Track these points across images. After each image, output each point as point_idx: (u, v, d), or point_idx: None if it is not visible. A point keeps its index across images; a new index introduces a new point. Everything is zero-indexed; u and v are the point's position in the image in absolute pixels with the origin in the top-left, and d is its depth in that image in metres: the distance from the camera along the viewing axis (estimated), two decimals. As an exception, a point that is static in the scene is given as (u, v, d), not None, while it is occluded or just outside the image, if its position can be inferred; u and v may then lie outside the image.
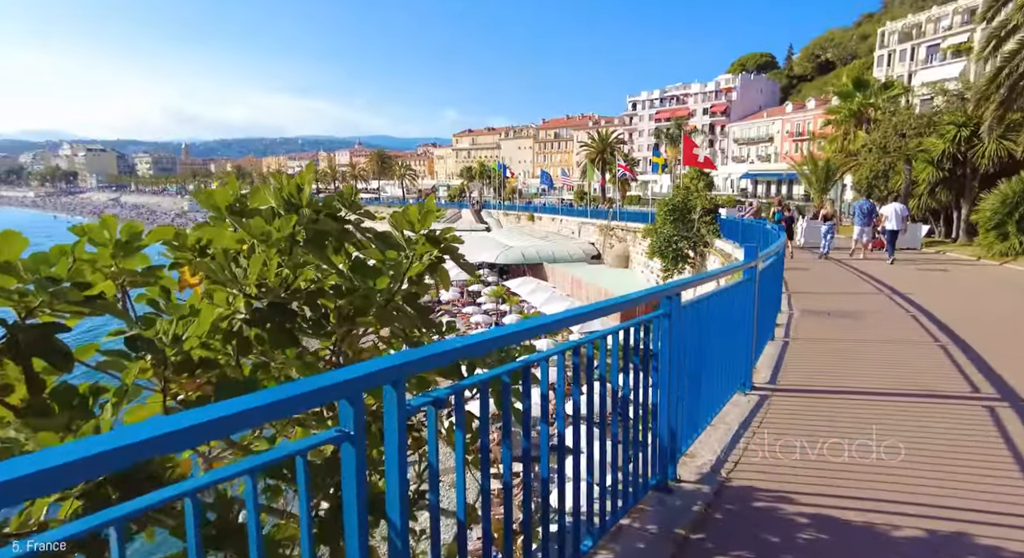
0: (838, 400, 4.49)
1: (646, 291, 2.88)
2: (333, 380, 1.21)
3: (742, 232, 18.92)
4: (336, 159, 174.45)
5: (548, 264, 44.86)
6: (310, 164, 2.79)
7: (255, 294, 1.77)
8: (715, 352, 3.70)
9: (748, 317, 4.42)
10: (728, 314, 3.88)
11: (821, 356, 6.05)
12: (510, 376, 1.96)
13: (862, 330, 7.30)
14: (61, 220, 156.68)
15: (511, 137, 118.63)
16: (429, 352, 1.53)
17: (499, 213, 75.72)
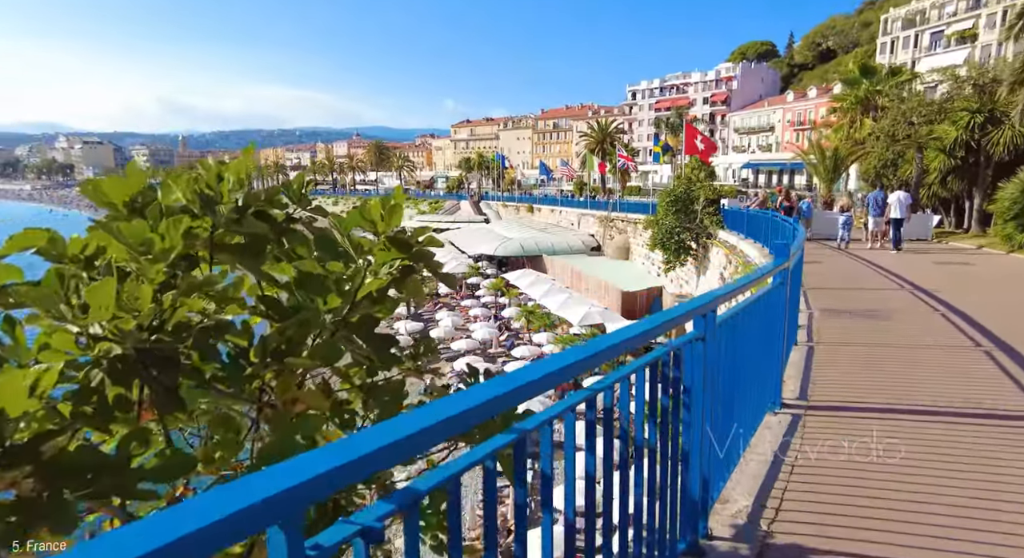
0: (882, 421, 3.86)
1: (678, 311, 2.28)
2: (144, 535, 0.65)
3: (747, 223, 18.33)
4: (334, 150, 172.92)
5: (547, 256, 44.25)
6: (248, 148, 2.15)
7: (111, 335, 1.18)
8: (747, 372, 3.13)
9: (779, 327, 3.86)
10: (761, 326, 3.31)
11: (852, 364, 5.46)
12: (495, 457, 1.36)
13: (891, 332, 6.68)
14: (57, 213, 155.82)
15: (510, 127, 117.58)
16: (344, 460, 0.90)
17: (498, 204, 74.95)
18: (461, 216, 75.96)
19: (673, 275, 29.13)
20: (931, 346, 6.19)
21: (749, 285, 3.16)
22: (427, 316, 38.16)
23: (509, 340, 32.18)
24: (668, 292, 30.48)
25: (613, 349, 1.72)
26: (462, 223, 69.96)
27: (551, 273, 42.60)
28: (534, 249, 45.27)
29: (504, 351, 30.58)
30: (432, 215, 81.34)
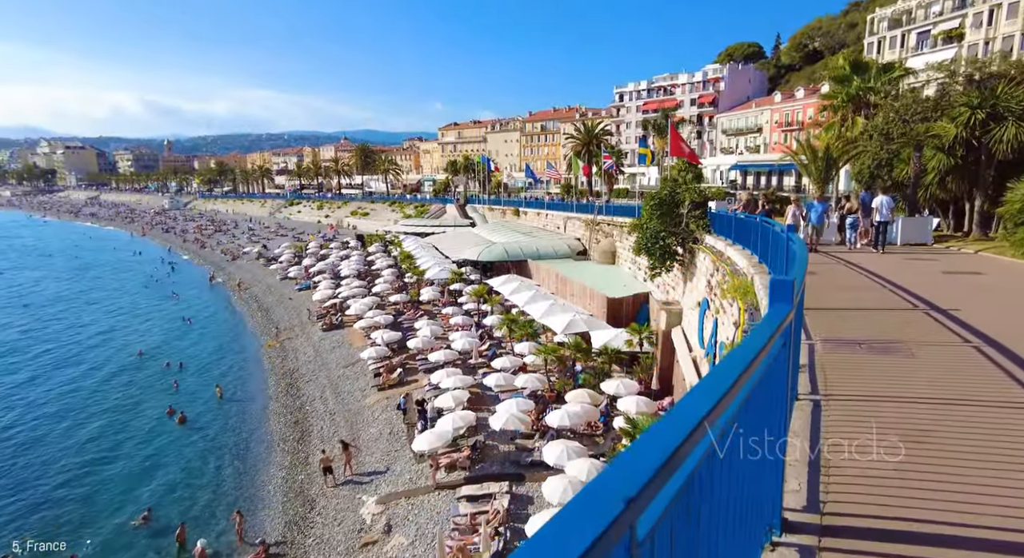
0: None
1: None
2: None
3: (735, 229, 17.11)
4: (321, 154, 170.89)
5: (532, 261, 42.97)
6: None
7: None
8: (729, 488, 1.81)
9: (780, 413, 2.52)
10: (752, 421, 1.99)
11: (883, 438, 3.76)
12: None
13: (919, 378, 5.11)
14: (36, 219, 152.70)
15: (497, 130, 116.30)
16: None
17: (484, 208, 73.58)
18: (447, 220, 74.52)
19: (659, 281, 27.91)
20: (984, 403, 4.57)
21: (739, 382, 1.77)
22: (406, 324, 36.73)
23: (491, 349, 30.80)
24: (654, 299, 29.23)
25: None
26: (448, 227, 68.56)
27: (536, 278, 41.33)
28: (519, 254, 43.95)
29: (485, 361, 29.20)
30: (418, 219, 79.82)
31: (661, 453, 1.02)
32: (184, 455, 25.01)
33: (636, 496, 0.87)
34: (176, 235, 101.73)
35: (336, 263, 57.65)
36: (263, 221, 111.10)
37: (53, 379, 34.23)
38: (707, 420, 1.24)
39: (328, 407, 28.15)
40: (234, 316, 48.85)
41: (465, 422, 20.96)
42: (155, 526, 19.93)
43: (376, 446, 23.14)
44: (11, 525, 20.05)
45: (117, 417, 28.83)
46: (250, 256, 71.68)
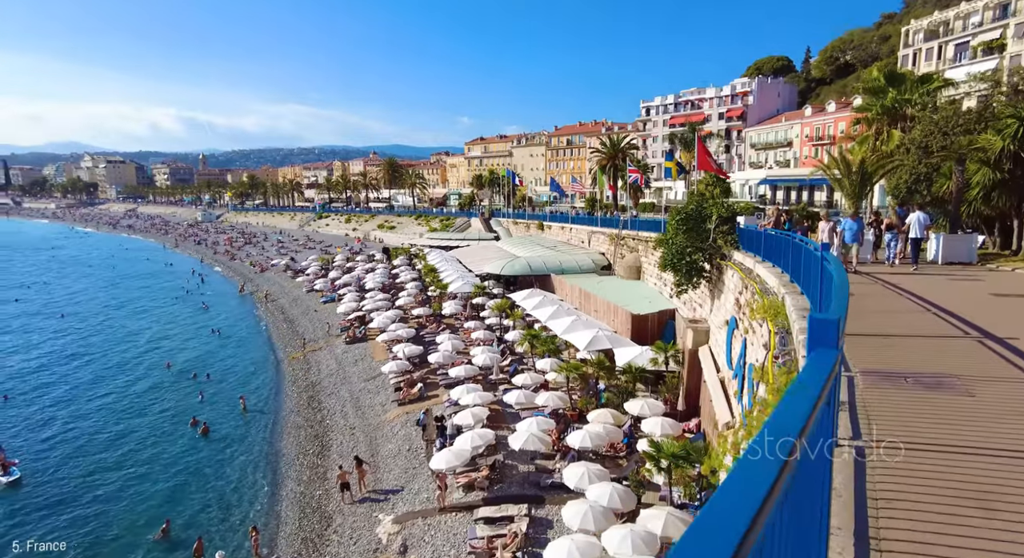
0: None
1: None
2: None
3: (765, 245, 16.47)
4: (350, 168, 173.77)
5: (556, 275, 42.49)
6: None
7: None
8: None
9: (822, 499, 2.04)
10: (789, 530, 1.54)
11: (939, 497, 3.14)
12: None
13: (983, 421, 4.35)
14: (78, 231, 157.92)
15: (523, 144, 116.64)
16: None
17: (508, 222, 73.50)
18: (471, 234, 74.62)
19: (686, 298, 27.21)
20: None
21: (777, 486, 1.30)
22: (428, 338, 36.53)
23: (512, 365, 30.35)
24: (680, 316, 28.50)
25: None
26: (472, 241, 68.58)
27: (559, 293, 40.83)
28: (542, 268, 43.54)
29: (506, 378, 28.76)
30: (443, 232, 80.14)
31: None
32: (205, 467, 25.03)
33: None
34: (207, 247, 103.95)
35: (361, 276, 58.01)
36: (292, 234, 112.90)
37: (84, 387, 34.83)
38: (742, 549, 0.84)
39: (348, 421, 27.98)
40: (261, 328, 49.37)
41: (484, 441, 20.51)
42: (173, 539, 19.87)
43: (394, 463, 22.81)
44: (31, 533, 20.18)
45: (143, 427, 29.11)
46: (278, 268, 72.67)
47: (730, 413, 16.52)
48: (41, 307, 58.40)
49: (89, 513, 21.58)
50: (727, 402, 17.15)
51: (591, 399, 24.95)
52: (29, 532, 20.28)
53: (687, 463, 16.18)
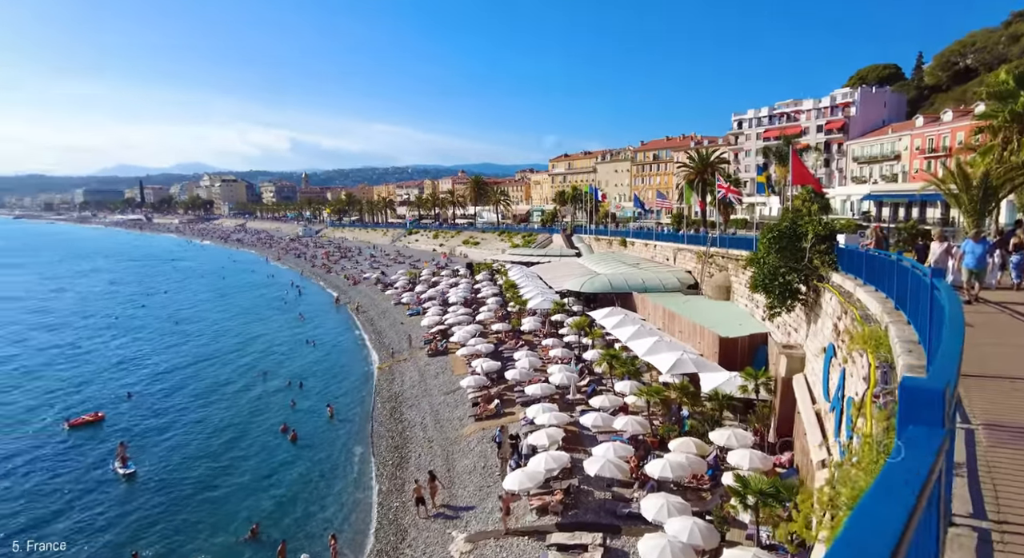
0: None
1: None
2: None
3: (867, 267, 15.13)
4: (439, 186, 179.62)
5: (638, 293, 41.43)
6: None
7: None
8: None
9: None
10: None
11: None
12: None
13: None
14: (195, 243, 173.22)
15: (608, 160, 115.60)
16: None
17: (590, 238, 72.81)
18: (553, 250, 74.56)
19: (779, 321, 25.56)
20: None
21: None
22: (506, 354, 36.60)
23: (590, 386, 29.74)
24: (773, 340, 26.80)
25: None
26: (553, 257, 68.46)
27: (641, 312, 39.73)
28: (623, 286, 42.60)
29: (583, 398, 28.19)
30: (524, 248, 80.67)
31: None
32: (292, 472, 26.20)
33: None
34: (306, 260, 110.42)
35: (445, 290, 59.34)
36: (384, 249, 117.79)
37: (192, 390, 37.73)
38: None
39: (427, 434, 28.42)
40: (352, 338, 51.58)
41: (559, 463, 20.08)
42: (262, 540, 20.81)
43: (469, 480, 22.83)
44: (138, 523, 21.88)
45: (240, 431, 30.99)
46: (369, 282, 75.88)
47: (826, 450, 15.19)
48: (161, 313, 64.23)
49: (189, 508, 23.13)
50: (823, 437, 15.79)
51: (673, 426, 23.88)
52: (136, 522, 22.02)
53: (777, 501, 14.99)
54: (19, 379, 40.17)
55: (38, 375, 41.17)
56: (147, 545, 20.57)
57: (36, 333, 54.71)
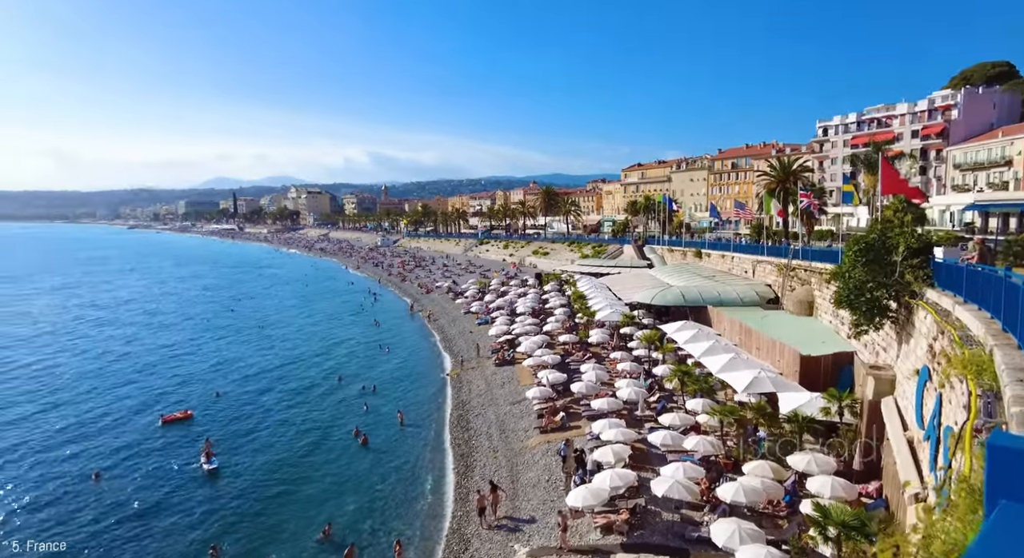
0: None
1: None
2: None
3: (967, 284, 13.83)
4: (511, 197, 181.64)
5: (713, 307, 39.94)
6: None
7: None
8: None
9: None
10: None
11: None
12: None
13: None
14: (282, 252, 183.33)
15: (683, 169, 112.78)
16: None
17: (663, 249, 71.07)
18: (623, 260, 73.32)
19: (867, 340, 23.84)
20: None
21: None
22: (573, 366, 36.17)
23: (660, 402, 28.83)
24: (860, 360, 25.02)
25: None
26: (623, 268, 67.31)
27: (716, 327, 38.24)
28: (697, 299, 41.20)
29: (652, 415, 27.37)
30: (594, 259, 79.80)
31: None
32: (362, 476, 26.92)
33: None
34: (383, 269, 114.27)
35: (513, 300, 59.60)
36: (456, 258, 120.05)
37: (274, 391, 39.73)
38: None
39: (492, 443, 28.47)
40: (424, 345, 52.76)
41: (624, 482, 19.53)
42: (334, 541, 21.43)
43: (533, 492, 22.63)
44: (219, 518, 23.14)
45: (316, 432, 32.24)
46: (441, 290, 77.48)
47: (920, 482, 13.91)
48: (249, 318, 68.28)
49: (265, 505, 24.24)
50: (916, 468, 14.48)
51: (748, 448, 22.72)
52: (215, 516, 23.31)
53: (862, 535, 13.84)
54: (128, 376, 43.77)
55: (142, 373, 44.69)
56: (225, 538, 21.68)
57: (142, 334, 59.59)
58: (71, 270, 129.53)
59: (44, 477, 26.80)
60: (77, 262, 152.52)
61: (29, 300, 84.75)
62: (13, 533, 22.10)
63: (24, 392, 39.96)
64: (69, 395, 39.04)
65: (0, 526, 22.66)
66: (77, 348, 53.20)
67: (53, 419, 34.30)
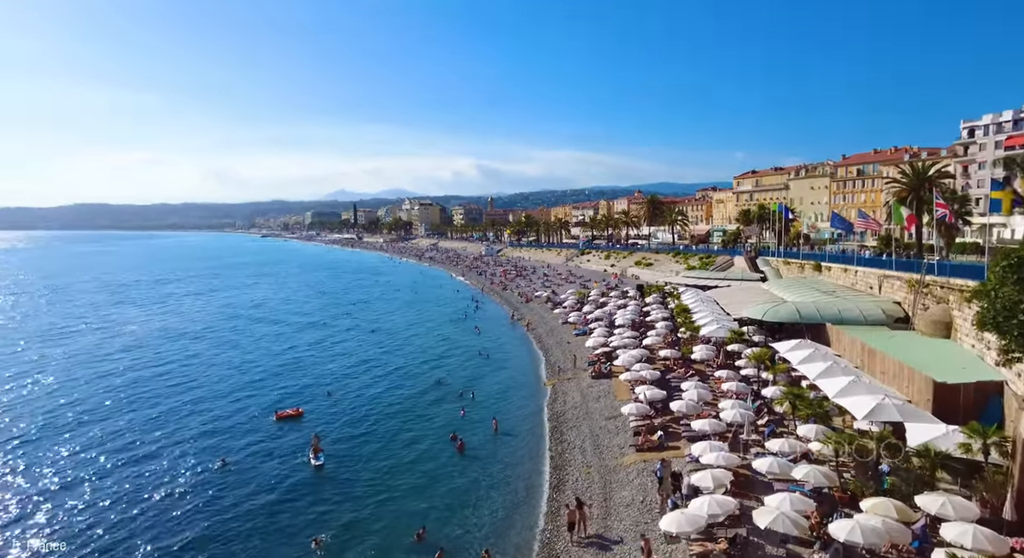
0: None
1: None
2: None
3: None
4: (614, 207, 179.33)
5: (833, 326, 36.72)
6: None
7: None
8: None
9: None
10: None
11: None
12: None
13: None
14: (395, 260, 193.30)
15: (802, 176, 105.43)
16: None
17: (778, 261, 66.64)
18: (733, 273, 69.56)
19: (1019, 369, 20.73)
20: None
21: None
22: (674, 383, 34.66)
23: (769, 426, 26.84)
24: (1012, 392, 21.80)
25: None
26: (733, 281, 63.85)
27: (835, 347, 35.06)
28: (814, 316, 38.03)
29: (759, 440, 25.52)
30: (701, 271, 76.51)
31: None
32: (458, 482, 27.31)
33: None
34: (486, 277, 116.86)
35: (613, 311, 58.45)
36: (557, 268, 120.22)
37: (380, 393, 41.70)
38: None
39: (586, 458, 27.90)
40: (521, 353, 53.15)
41: (724, 510, 18.26)
42: (428, 543, 21.83)
43: (626, 513, 21.82)
44: (324, 513, 24.45)
45: (415, 436, 33.32)
46: (540, 300, 77.80)
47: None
48: (362, 321, 72.49)
49: (366, 503, 25.30)
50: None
51: (869, 483, 20.48)
52: (319, 509, 24.66)
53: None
54: (255, 374, 47.92)
55: (266, 371, 48.75)
56: (326, 530, 22.80)
57: (269, 333, 65.22)
58: (216, 274, 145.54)
59: (181, 456, 29.85)
60: (222, 266, 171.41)
61: (181, 301, 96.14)
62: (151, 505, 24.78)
63: (173, 385, 45.09)
64: (203, 388, 43.47)
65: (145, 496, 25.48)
66: (217, 344, 59.31)
67: (189, 406, 38.33)
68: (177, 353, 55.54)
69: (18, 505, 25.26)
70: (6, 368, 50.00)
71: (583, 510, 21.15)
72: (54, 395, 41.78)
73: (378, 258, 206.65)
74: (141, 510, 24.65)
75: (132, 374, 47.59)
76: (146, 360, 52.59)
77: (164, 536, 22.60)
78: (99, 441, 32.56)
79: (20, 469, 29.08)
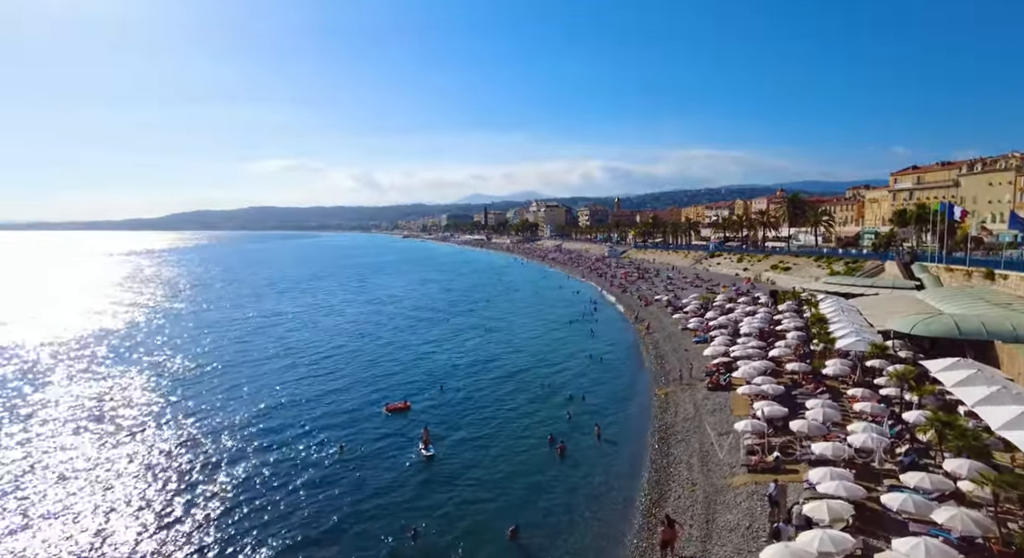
0: None
1: None
2: None
3: None
4: (752, 206, 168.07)
5: (1003, 344, 31.25)
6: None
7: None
8: None
9: None
10: None
11: None
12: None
13: None
14: (519, 261, 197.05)
15: (977, 171, 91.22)
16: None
17: (939, 267, 58.28)
18: (883, 280, 61.95)
19: None
20: None
21: None
22: (799, 399, 31.45)
23: (909, 456, 23.37)
24: None
25: None
26: (882, 288, 56.88)
27: (1007, 370, 29.79)
28: (978, 331, 32.63)
29: (894, 471, 22.28)
30: (846, 277, 69.10)
31: None
32: (554, 485, 26.93)
33: None
34: (607, 279, 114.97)
35: (739, 318, 54.56)
36: (682, 271, 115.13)
37: (488, 389, 42.52)
38: None
39: (692, 475, 26.18)
40: (635, 358, 51.49)
41: (839, 548, 16.06)
42: (520, 543, 21.76)
43: (728, 538, 20.09)
44: (429, 503, 25.27)
45: (518, 434, 33.44)
46: (660, 303, 74.87)
47: None
48: (479, 320, 74.64)
49: (465, 497, 25.75)
50: None
51: (1035, 535, 17.01)
52: (424, 499, 25.52)
53: None
54: (369, 367, 51.14)
55: (394, 362, 51.84)
56: (424, 520, 23.49)
57: (401, 327, 69.39)
58: (363, 273, 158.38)
59: (306, 440, 32.56)
60: (365, 267, 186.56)
61: (334, 295, 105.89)
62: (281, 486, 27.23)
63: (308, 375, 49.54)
64: (331, 377, 47.15)
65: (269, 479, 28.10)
66: (351, 335, 64.32)
67: (314, 394, 41.78)
68: (307, 343, 60.98)
69: (178, 479, 29.00)
70: (174, 351, 58.03)
71: (674, 528, 19.82)
72: (206, 377, 47.76)
73: (505, 258, 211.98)
74: (273, 485, 27.18)
75: (279, 361, 53.02)
76: (289, 347, 58.31)
77: (286, 509, 24.74)
78: (242, 423, 36.48)
79: (184, 439, 33.39)
